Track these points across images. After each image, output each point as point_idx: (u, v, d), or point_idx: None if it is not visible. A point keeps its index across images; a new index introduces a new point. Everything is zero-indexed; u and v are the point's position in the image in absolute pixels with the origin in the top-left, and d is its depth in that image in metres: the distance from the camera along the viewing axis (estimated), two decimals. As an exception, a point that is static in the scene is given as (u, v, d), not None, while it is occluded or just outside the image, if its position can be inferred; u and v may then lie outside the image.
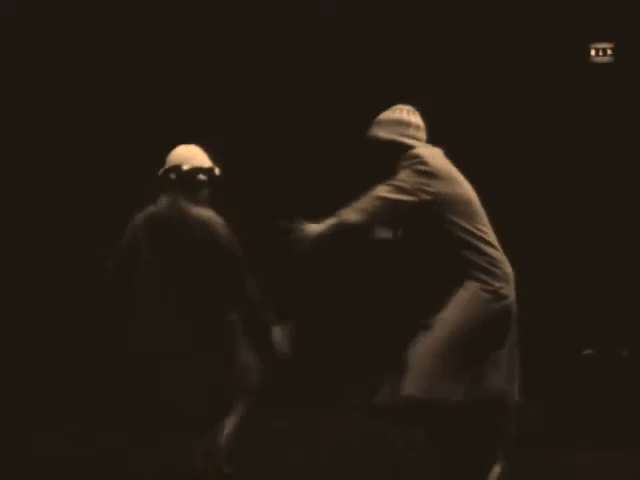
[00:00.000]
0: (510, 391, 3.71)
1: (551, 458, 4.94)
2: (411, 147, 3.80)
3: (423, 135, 3.93)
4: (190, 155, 4.31)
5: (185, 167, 4.25)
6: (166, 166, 4.30)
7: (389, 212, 3.70)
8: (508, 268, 3.73)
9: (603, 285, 6.56)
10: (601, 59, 6.77)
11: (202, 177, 4.26)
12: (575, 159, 6.75)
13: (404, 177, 3.69)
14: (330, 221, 3.70)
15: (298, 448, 5.26)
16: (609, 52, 6.78)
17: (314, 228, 3.70)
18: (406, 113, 3.92)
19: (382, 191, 3.68)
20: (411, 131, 3.87)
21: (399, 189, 3.67)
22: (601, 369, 5.33)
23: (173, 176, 4.25)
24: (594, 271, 6.64)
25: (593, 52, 6.78)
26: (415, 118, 3.92)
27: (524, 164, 6.77)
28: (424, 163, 3.70)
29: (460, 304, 3.60)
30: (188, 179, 4.24)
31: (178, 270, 4.15)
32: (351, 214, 3.67)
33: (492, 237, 3.77)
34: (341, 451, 5.21)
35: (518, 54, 6.80)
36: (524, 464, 4.60)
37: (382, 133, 3.89)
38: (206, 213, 4.21)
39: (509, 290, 3.68)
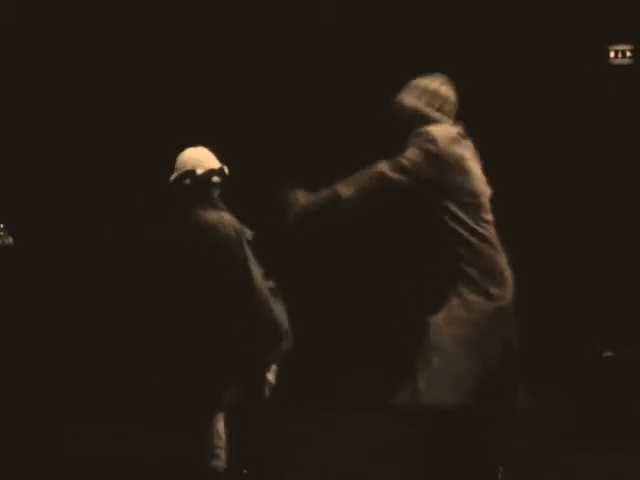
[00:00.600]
0: (506, 393, 3.59)
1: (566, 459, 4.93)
2: (433, 120, 3.55)
3: (451, 110, 3.64)
4: (201, 158, 4.27)
5: (199, 171, 4.21)
6: (179, 171, 4.26)
7: (386, 190, 3.45)
8: (506, 270, 3.50)
9: (625, 288, 6.53)
10: (620, 61, 6.75)
11: (216, 179, 4.24)
12: (594, 161, 6.74)
13: (409, 155, 3.44)
14: (324, 192, 3.48)
15: (314, 449, 5.27)
16: (628, 54, 6.75)
17: (306, 196, 3.50)
18: (438, 83, 3.65)
19: (383, 168, 3.43)
20: (437, 102, 3.59)
21: (401, 168, 3.42)
22: (621, 371, 5.32)
23: (188, 181, 4.22)
24: (616, 275, 6.62)
25: (612, 54, 6.76)
26: (446, 90, 3.64)
27: (542, 165, 6.76)
28: (433, 142, 3.44)
29: (451, 313, 3.41)
30: (203, 182, 4.22)
31: (192, 277, 4.22)
32: (345, 188, 3.43)
33: (493, 236, 3.51)
34: (359, 452, 5.17)
35: (537, 56, 6.78)
36: (534, 464, 4.66)
37: (407, 99, 3.63)
38: (217, 216, 4.20)
39: (503, 292, 3.45)
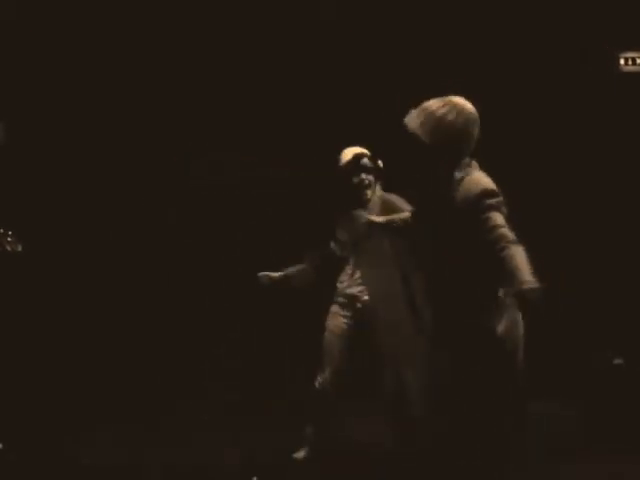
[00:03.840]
0: None
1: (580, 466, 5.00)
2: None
3: None
4: None
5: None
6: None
7: None
8: None
9: (636, 295, 6.51)
10: (630, 68, 6.72)
11: None
12: (605, 168, 6.71)
13: (501, 221, 3.37)
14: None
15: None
16: (638, 61, 6.72)
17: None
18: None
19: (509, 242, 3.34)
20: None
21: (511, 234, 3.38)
22: (631, 378, 5.31)
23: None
24: (626, 282, 6.64)
25: (622, 61, 6.73)
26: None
27: (552, 173, 6.73)
28: (503, 204, 3.44)
29: None
30: None
31: None
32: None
33: None
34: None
35: (547, 63, 6.75)
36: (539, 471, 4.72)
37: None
38: None
39: None
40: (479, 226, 3.38)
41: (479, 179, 3.46)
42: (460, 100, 3.50)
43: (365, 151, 5.05)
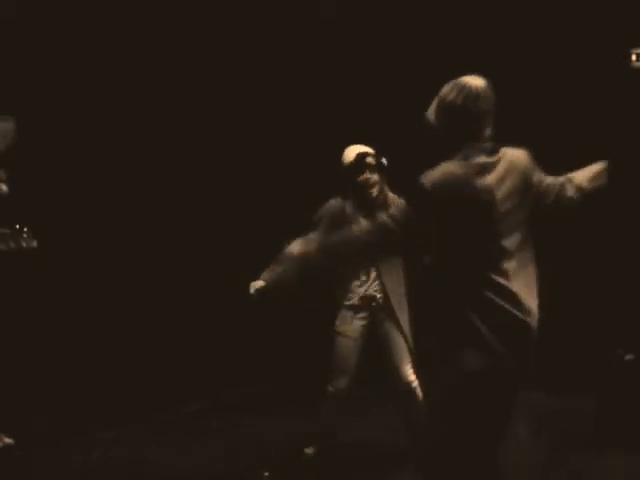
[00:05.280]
0: None
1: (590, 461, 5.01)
2: None
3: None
4: None
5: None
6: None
7: None
8: None
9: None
10: (642, 64, 6.65)
11: None
12: (616, 164, 6.60)
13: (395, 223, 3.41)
14: None
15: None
16: (650, 57, 6.65)
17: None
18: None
19: None
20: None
21: None
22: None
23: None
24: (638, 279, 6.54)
25: (634, 57, 6.64)
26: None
27: (564, 169, 6.63)
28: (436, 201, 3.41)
29: None
30: None
31: None
32: None
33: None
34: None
35: (559, 59, 6.69)
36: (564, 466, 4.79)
37: None
38: None
39: None
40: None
41: (437, 168, 3.30)
42: (466, 78, 3.41)
43: (368, 149, 4.96)
